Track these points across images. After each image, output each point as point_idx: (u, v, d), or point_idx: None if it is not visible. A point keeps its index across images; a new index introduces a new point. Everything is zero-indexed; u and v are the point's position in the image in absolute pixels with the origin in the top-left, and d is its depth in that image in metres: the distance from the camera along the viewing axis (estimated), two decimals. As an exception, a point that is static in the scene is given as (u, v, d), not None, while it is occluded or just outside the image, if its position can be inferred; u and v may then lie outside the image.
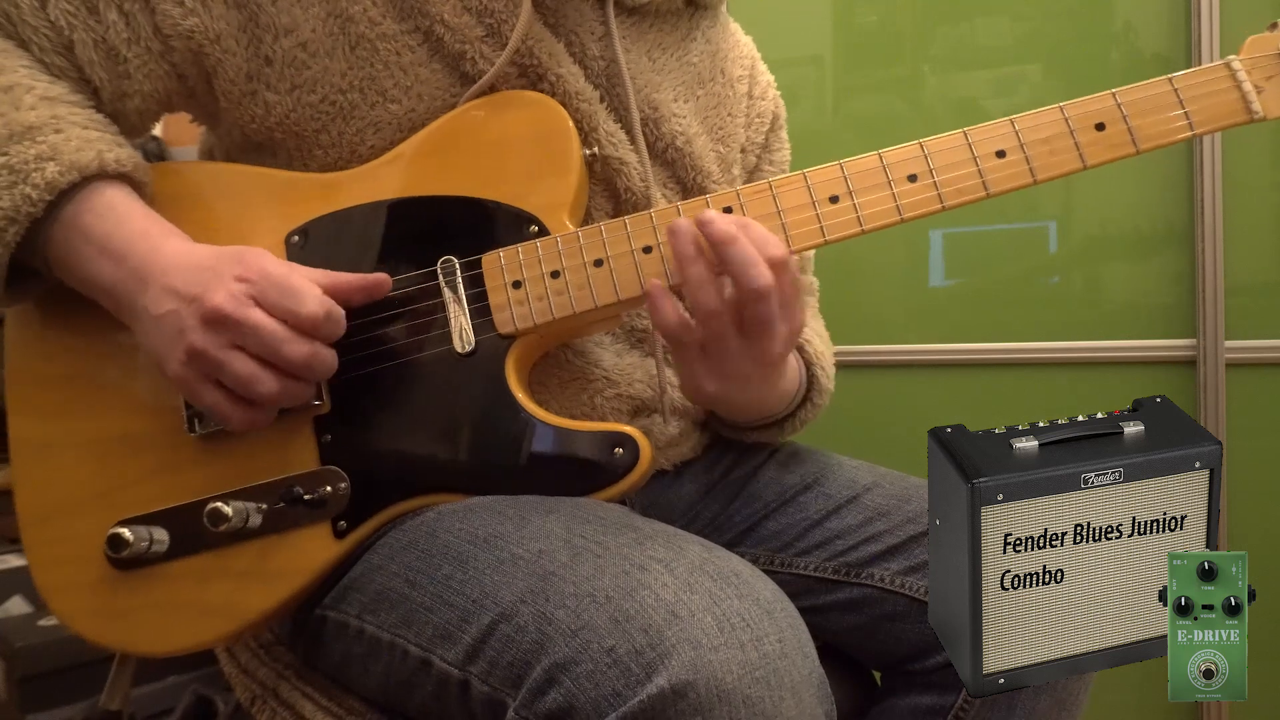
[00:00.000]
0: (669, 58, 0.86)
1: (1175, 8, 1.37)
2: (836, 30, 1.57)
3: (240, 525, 0.70)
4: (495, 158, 0.75)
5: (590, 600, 0.57)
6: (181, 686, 1.57)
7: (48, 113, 0.70)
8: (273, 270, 0.67)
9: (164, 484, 0.73)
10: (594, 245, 0.73)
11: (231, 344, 0.66)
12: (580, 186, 0.76)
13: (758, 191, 0.73)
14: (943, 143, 0.73)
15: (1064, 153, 0.73)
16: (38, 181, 0.68)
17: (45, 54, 0.74)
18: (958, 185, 0.73)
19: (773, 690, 0.55)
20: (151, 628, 0.73)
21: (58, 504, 0.75)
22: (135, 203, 0.72)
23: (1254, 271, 1.39)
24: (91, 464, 0.75)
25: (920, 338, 1.53)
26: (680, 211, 0.73)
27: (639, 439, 0.71)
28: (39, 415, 0.76)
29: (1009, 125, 0.73)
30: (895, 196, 0.73)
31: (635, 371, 0.82)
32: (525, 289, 0.73)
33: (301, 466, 0.73)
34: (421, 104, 0.77)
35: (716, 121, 0.89)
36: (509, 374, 0.73)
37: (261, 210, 0.77)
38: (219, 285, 0.66)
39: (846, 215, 0.73)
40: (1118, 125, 0.73)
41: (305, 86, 0.76)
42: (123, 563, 0.72)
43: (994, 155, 0.73)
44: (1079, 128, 0.73)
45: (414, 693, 0.68)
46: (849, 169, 0.73)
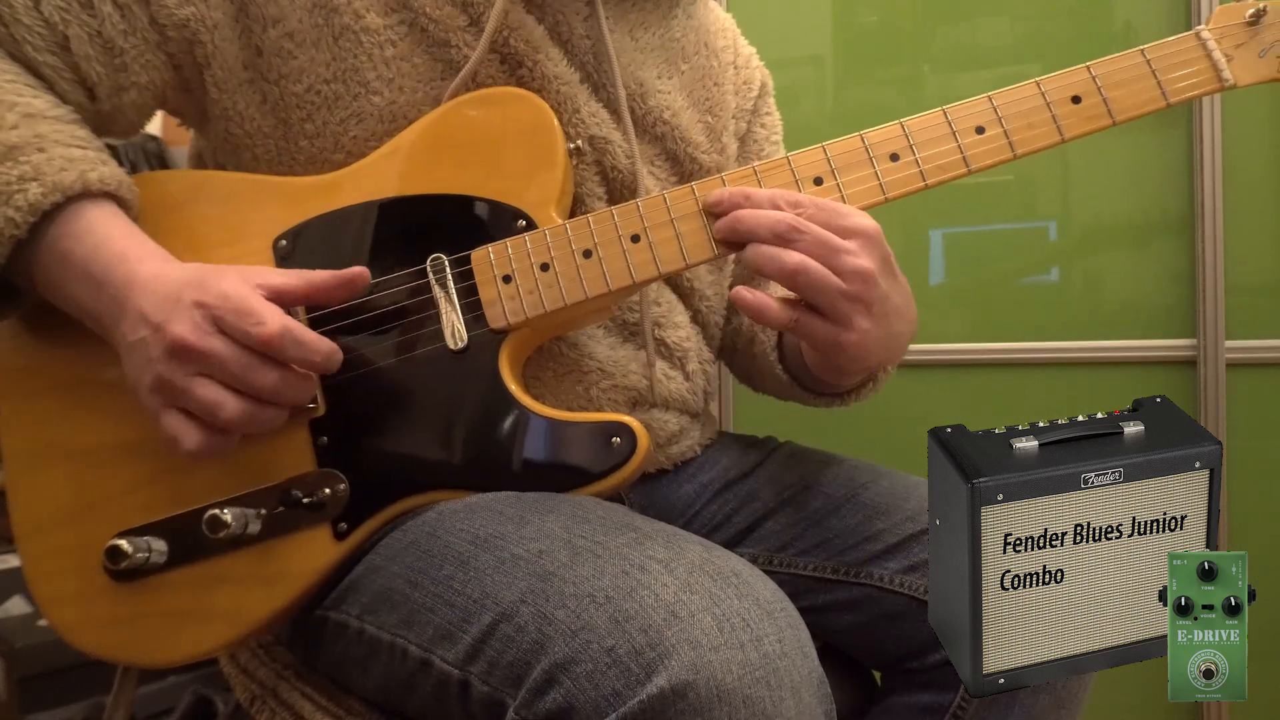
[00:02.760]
0: (651, 35, 0.87)
1: (1175, 8, 1.38)
2: (836, 30, 1.56)
3: (240, 531, 0.70)
4: (481, 155, 0.76)
5: (590, 600, 0.57)
6: (181, 686, 1.57)
7: (30, 131, 0.69)
8: (231, 291, 0.65)
9: (159, 492, 0.73)
10: (582, 236, 0.73)
11: (196, 372, 0.65)
12: (566, 180, 0.77)
13: (743, 176, 0.74)
14: (923, 121, 0.74)
15: (1042, 126, 0.74)
16: (20, 204, 0.67)
17: (39, 52, 0.73)
18: (939, 162, 0.74)
19: (773, 690, 0.55)
20: (153, 638, 0.73)
21: (52, 515, 0.74)
22: (116, 223, 0.71)
23: (1254, 271, 1.39)
24: (86, 474, 0.74)
25: (920, 338, 1.53)
26: (667, 200, 0.73)
27: (636, 427, 0.71)
28: (31, 426, 0.75)
29: (987, 101, 0.74)
30: (878, 175, 0.74)
31: (630, 363, 0.82)
32: (515, 283, 0.73)
33: (299, 469, 0.72)
34: (403, 96, 0.77)
35: (703, 94, 0.90)
36: (503, 369, 0.73)
37: (249, 215, 0.77)
38: (180, 314, 0.65)
39: (830, 195, 0.74)
40: (1093, 97, 0.74)
41: (291, 76, 0.76)
42: (121, 574, 0.72)
43: (974, 131, 0.74)
44: (1055, 100, 0.74)
45: (414, 693, 0.68)
46: (831, 150, 0.74)
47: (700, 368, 0.90)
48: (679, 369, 0.87)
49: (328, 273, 0.69)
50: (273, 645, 0.83)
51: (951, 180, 0.74)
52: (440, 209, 0.75)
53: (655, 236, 0.73)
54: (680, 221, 0.73)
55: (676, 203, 0.74)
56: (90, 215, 0.70)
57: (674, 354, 0.86)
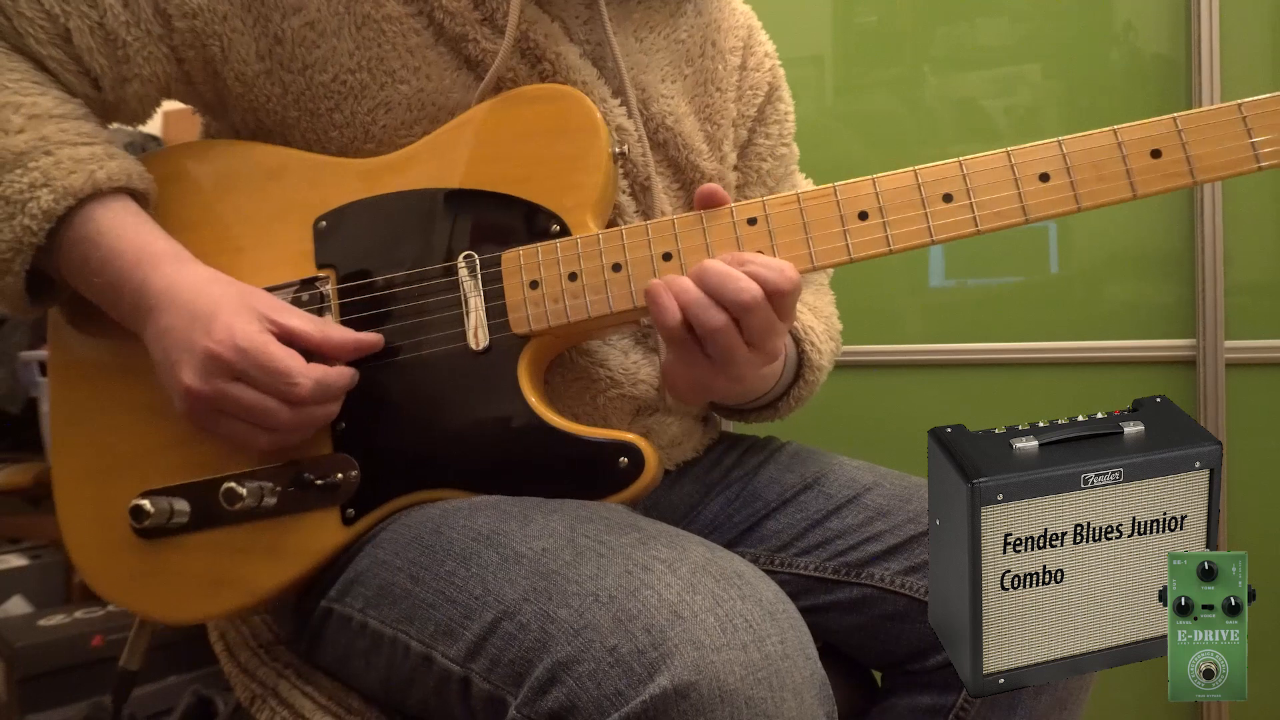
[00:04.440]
0: (657, 36, 0.86)
1: (1175, 8, 1.37)
2: (836, 30, 1.56)
3: (255, 505, 0.72)
4: (524, 153, 0.75)
5: (593, 600, 0.57)
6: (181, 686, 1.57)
7: (35, 135, 0.70)
8: (246, 344, 0.67)
9: (182, 456, 0.75)
10: (613, 249, 0.72)
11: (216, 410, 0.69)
12: (607, 185, 0.75)
13: (785, 203, 0.71)
14: (983, 162, 0.69)
15: (1113, 180, 0.68)
16: (34, 211, 0.68)
17: (43, 45, 0.74)
18: (995, 209, 0.69)
19: (775, 691, 0.55)
20: (167, 595, 0.76)
21: (94, 465, 0.77)
22: (128, 222, 0.72)
23: (1254, 271, 1.39)
24: (120, 430, 0.77)
25: (920, 338, 1.53)
26: (703, 221, 0.71)
27: (645, 450, 0.71)
28: (79, 380, 0.79)
29: (1056, 147, 0.68)
30: (928, 217, 0.69)
31: (640, 371, 0.82)
32: (542, 290, 0.73)
33: (316, 451, 0.74)
34: (430, 84, 0.77)
35: (705, 100, 0.88)
36: (521, 374, 0.73)
37: (291, 193, 0.78)
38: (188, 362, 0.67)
39: (875, 234, 0.69)
40: (1175, 154, 0.67)
41: (316, 66, 0.76)
42: (144, 532, 0.74)
43: (1037, 178, 0.68)
44: (1132, 153, 0.67)
45: (415, 689, 0.68)
46: (881, 185, 0.70)
47: None
48: None
49: (345, 334, 0.72)
50: (273, 644, 0.83)
51: (1006, 228, 0.69)
52: (478, 205, 0.75)
53: (688, 259, 0.71)
54: (715, 246, 0.71)
55: (712, 224, 0.71)
56: (100, 219, 0.71)
57: None
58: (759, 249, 0.71)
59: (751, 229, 0.71)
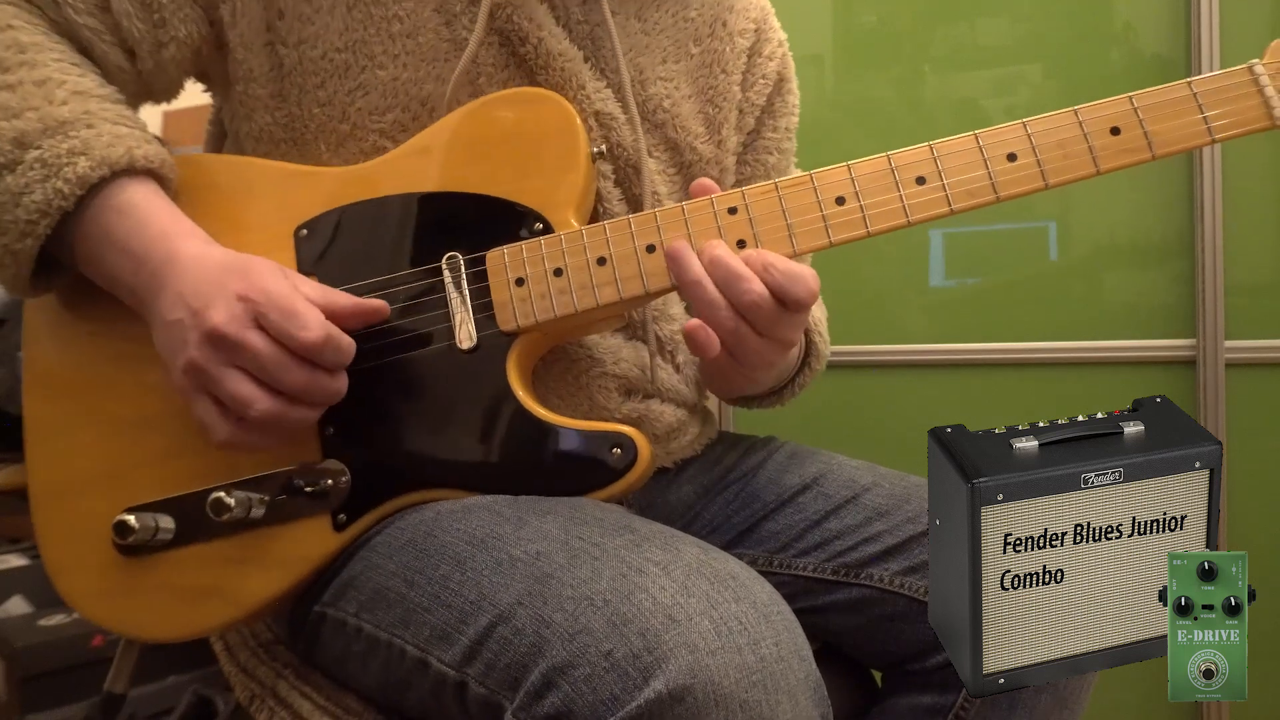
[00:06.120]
0: (663, 14, 0.86)
1: (1175, 8, 1.37)
2: (836, 30, 1.56)
3: (243, 515, 0.71)
4: (504, 155, 0.76)
5: (588, 603, 0.57)
6: (181, 686, 1.57)
7: (80, 107, 0.71)
8: (274, 289, 0.66)
9: (170, 469, 0.74)
10: (597, 243, 0.73)
11: (230, 362, 0.66)
12: (587, 184, 0.76)
13: (764, 192, 0.72)
14: (953, 145, 0.72)
15: (1077, 156, 0.71)
16: (69, 176, 0.69)
17: (79, 15, 0.74)
18: (967, 188, 0.71)
19: (769, 694, 0.55)
20: (155, 612, 0.74)
21: (68, 482, 0.76)
22: (158, 200, 0.73)
23: (1254, 271, 1.39)
24: (103, 444, 0.76)
25: (920, 338, 1.53)
26: (685, 212, 0.72)
27: (638, 440, 0.71)
28: (55, 395, 0.77)
29: (1021, 128, 0.71)
30: (903, 198, 0.72)
31: (621, 350, 0.82)
32: (528, 286, 0.73)
33: (304, 458, 0.73)
34: (405, 72, 0.78)
35: (709, 81, 0.88)
36: (510, 371, 0.73)
37: (273, 202, 0.78)
38: (220, 303, 0.66)
39: (853, 216, 0.72)
40: (1134, 130, 0.71)
41: (309, 41, 0.77)
42: (127, 549, 0.73)
43: (1005, 158, 0.71)
44: (1093, 131, 0.71)
45: (411, 692, 0.68)
46: (856, 170, 0.72)
47: (689, 360, 0.89)
48: (669, 360, 0.87)
49: (351, 299, 0.71)
50: (272, 644, 0.83)
51: (980, 207, 0.72)
52: (460, 207, 0.76)
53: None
54: (698, 237, 0.72)
55: (694, 215, 0.72)
56: (133, 191, 0.72)
57: (665, 346, 0.86)
58: (741, 238, 0.72)
59: (732, 218, 0.72)
